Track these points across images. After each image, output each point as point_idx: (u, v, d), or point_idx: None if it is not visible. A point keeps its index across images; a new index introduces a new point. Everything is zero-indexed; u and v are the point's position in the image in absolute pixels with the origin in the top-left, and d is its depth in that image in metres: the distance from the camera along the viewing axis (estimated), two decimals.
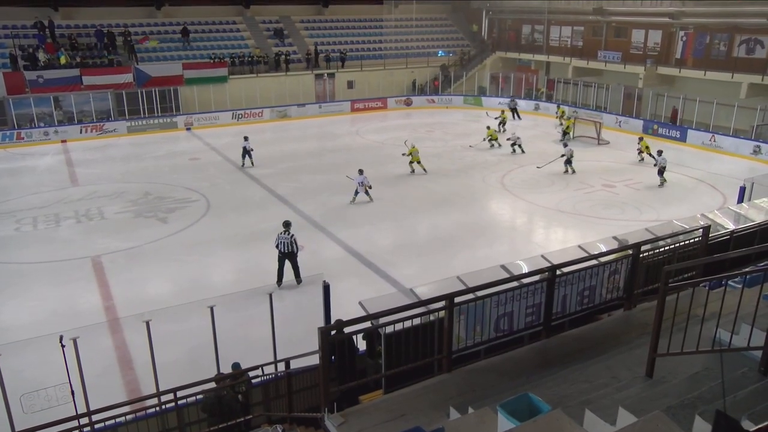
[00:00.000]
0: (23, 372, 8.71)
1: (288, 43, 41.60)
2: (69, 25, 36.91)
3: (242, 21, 41.99)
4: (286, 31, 42.15)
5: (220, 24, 41.28)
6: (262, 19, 42.61)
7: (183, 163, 26.96)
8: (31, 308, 13.77)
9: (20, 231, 18.76)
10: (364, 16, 45.74)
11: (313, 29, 43.81)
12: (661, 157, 22.25)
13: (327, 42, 42.68)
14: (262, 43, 40.73)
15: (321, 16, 44.85)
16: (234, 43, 40.16)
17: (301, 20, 43.87)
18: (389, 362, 6.67)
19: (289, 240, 14.29)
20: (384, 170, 24.81)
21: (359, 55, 42.15)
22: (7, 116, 31.87)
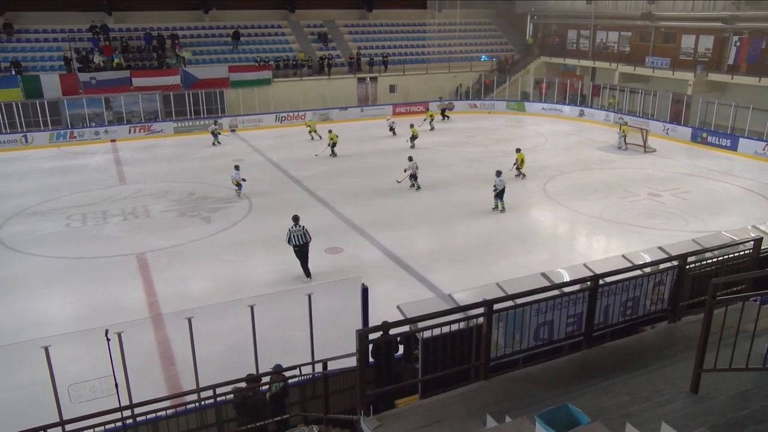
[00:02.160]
0: (70, 363, 8.97)
1: (332, 46, 41.97)
2: (121, 29, 38.06)
3: (287, 25, 42.55)
4: (329, 35, 42.54)
5: (266, 27, 41.92)
6: (307, 23, 43.11)
7: (225, 164, 27.39)
8: (78, 302, 14.22)
9: (70, 227, 19.39)
10: (408, 21, 45.82)
11: (356, 33, 44.10)
12: (500, 179, 19.94)
13: (370, 46, 42.89)
14: (306, 47, 41.19)
15: (365, 21, 45.10)
16: (279, 46, 40.73)
17: (345, 24, 44.22)
18: (426, 367, 6.65)
19: (302, 231, 14.81)
20: (423, 174, 24.70)
21: (402, 59, 42.23)
22: (62, 116, 33.05)
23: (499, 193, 20.01)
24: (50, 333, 11.93)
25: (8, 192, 23.23)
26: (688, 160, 27.47)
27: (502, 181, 19.97)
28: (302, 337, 9.71)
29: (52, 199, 22.08)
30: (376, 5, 44.80)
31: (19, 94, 32.20)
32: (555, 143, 31.41)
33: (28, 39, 36.16)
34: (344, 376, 8.94)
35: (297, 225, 14.86)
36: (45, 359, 7.93)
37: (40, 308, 13.96)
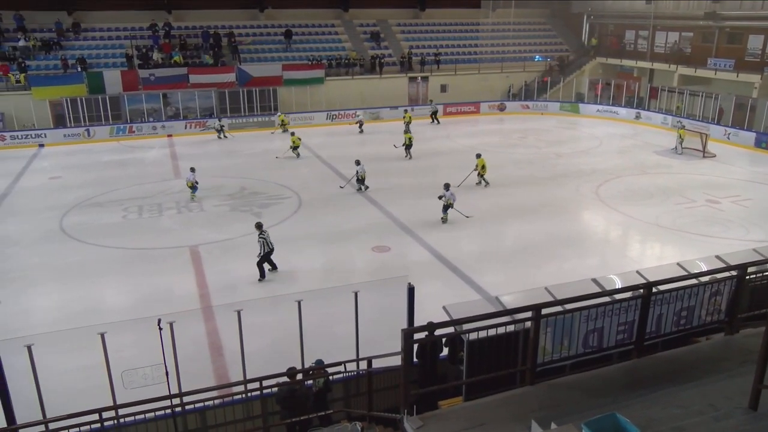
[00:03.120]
0: (124, 350, 9.28)
1: (384, 46, 42.09)
2: (180, 27, 39.16)
3: (340, 24, 42.90)
4: (382, 34, 42.67)
5: (319, 27, 42.38)
6: (360, 22, 43.36)
7: (278, 161, 27.86)
8: (133, 291, 14.70)
9: (127, 219, 20.07)
10: (461, 20, 45.54)
11: (409, 32, 44.10)
12: (449, 192, 19.11)
13: (422, 45, 42.82)
14: (359, 46, 41.43)
15: (417, 20, 45.05)
16: (331, 45, 41.11)
17: (398, 24, 44.27)
18: (471, 369, 6.61)
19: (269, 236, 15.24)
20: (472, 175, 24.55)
21: (454, 58, 42.02)
22: (121, 111, 34.26)
23: (447, 207, 19.09)
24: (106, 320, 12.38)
25: (71, 183, 24.22)
26: (750, 166, 26.40)
27: (452, 194, 19.04)
28: (347, 334, 9.77)
29: (111, 191, 22.89)
30: (429, 4, 44.69)
31: (83, 89, 33.57)
32: (609, 146, 30.68)
33: (93, 37, 37.63)
34: (388, 375, 8.96)
35: (263, 231, 15.21)
36: (101, 345, 8.23)
37: (97, 296, 14.51)
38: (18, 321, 13.15)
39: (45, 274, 15.70)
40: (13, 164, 27.72)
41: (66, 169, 26.75)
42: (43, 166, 27.64)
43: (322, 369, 8.76)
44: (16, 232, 18.89)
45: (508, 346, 6.64)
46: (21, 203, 21.88)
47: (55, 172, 26.29)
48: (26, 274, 15.68)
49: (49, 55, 35.42)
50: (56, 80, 33.51)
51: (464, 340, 6.62)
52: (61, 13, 37.23)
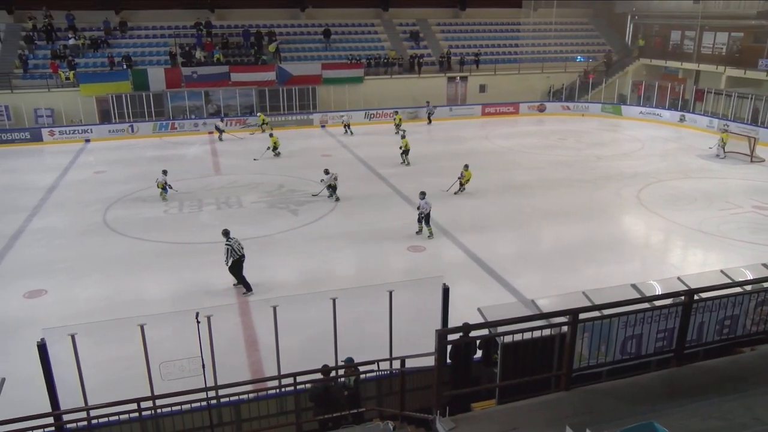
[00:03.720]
0: (163, 342, 9.48)
1: (423, 45, 42.02)
2: (222, 26, 39.82)
3: (380, 23, 42.99)
4: (421, 34, 42.61)
5: (359, 26, 42.54)
6: (399, 21, 43.38)
7: (316, 158, 28.08)
8: (172, 284, 15.01)
9: (168, 213, 20.51)
10: (502, 20, 45.16)
11: (448, 32, 43.93)
12: (424, 201, 17.63)
13: (461, 45, 42.60)
14: (398, 45, 41.45)
15: (457, 19, 44.84)
16: (371, 44, 41.23)
17: (438, 23, 44.13)
18: (505, 372, 6.55)
19: (239, 243, 14.56)
20: (509, 176, 24.38)
21: (493, 58, 41.68)
22: (164, 108, 35.02)
23: (425, 217, 17.68)
24: (146, 312, 12.69)
25: (115, 178, 24.87)
26: None
27: (427, 203, 17.60)
28: (380, 333, 9.81)
29: (153, 186, 23.40)
30: (469, 4, 44.43)
31: (128, 86, 34.44)
32: (652, 149, 30.00)
33: (138, 35, 38.56)
34: (421, 375, 8.95)
35: (230, 238, 14.50)
36: (141, 336, 8.44)
37: (138, 288, 14.86)
38: (62, 310, 13.57)
39: (89, 266, 16.16)
40: (61, 158, 28.62)
41: (110, 164, 27.47)
42: (89, 160, 28.44)
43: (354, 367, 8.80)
44: (62, 225, 19.49)
45: (544, 351, 6.56)
46: (67, 196, 22.57)
47: (100, 167, 27.04)
48: (71, 266, 16.17)
49: (97, 53, 36.46)
50: (103, 77, 34.49)
51: (499, 343, 6.56)
52: (110, 12, 38.26)
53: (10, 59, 35.07)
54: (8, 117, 32.74)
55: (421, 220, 17.73)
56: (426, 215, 17.63)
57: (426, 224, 17.73)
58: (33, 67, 34.95)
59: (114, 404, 7.53)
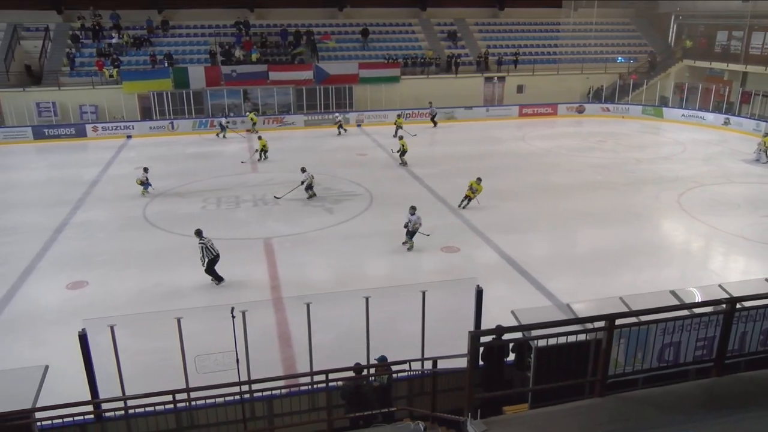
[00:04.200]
0: (198, 336, 9.63)
1: (460, 45, 41.82)
2: (261, 25, 40.31)
3: (418, 23, 42.93)
4: (459, 34, 42.41)
5: (396, 26, 42.56)
6: (437, 21, 43.24)
7: (351, 157, 28.22)
8: (207, 279, 15.23)
9: (206, 209, 20.86)
10: (541, 20, 44.63)
11: (486, 32, 43.62)
12: (415, 216, 16.83)
13: (499, 45, 42.25)
14: (435, 45, 41.34)
15: (496, 19, 44.49)
16: (408, 44, 41.21)
17: (476, 23, 43.86)
18: (538, 377, 6.48)
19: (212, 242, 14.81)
20: (546, 178, 24.08)
21: (532, 59, 41.24)
22: (204, 105, 35.66)
23: (413, 232, 16.93)
24: (182, 305, 12.94)
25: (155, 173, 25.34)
26: None
27: (418, 218, 16.77)
28: (412, 333, 9.79)
29: (192, 182, 23.85)
30: (508, 4, 44.05)
31: (169, 84, 35.15)
32: (694, 153, 29.28)
33: (180, 34, 39.31)
34: (452, 376, 8.92)
35: (203, 237, 14.72)
36: (177, 329, 8.61)
37: (175, 282, 15.14)
38: (102, 302, 13.93)
39: (128, 259, 16.54)
40: (103, 154, 29.38)
41: (150, 160, 27.99)
42: (130, 156, 29.09)
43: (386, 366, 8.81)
44: (103, 218, 20.00)
45: (578, 355, 6.46)
46: (109, 191, 23.15)
47: (141, 163, 27.58)
48: (111, 258, 16.58)
49: (140, 51, 37.30)
50: (145, 75, 35.28)
51: (533, 347, 6.49)
52: (153, 12, 39.10)
53: (58, 57, 36.19)
54: (55, 113, 33.79)
55: (411, 235, 16.92)
56: (414, 232, 16.86)
57: (410, 237, 16.97)
58: (79, 65, 35.98)
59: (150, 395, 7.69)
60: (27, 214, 20.42)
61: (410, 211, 16.93)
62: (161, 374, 9.27)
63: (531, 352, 6.82)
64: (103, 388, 8.49)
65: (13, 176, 26.15)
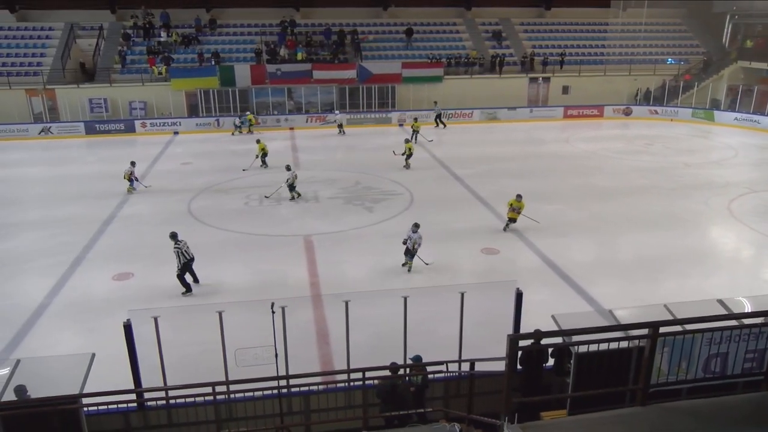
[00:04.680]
0: (239, 330, 9.79)
1: (505, 45, 41.40)
2: (306, 24, 40.70)
3: (462, 23, 42.68)
4: (504, 33, 41.98)
5: (441, 25, 42.40)
6: (482, 21, 42.91)
7: (392, 157, 28.21)
8: (249, 274, 15.50)
9: (248, 206, 21.19)
10: (588, 20, 43.82)
11: (532, 32, 43.07)
12: (417, 233, 15.27)
13: (545, 45, 41.66)
14: (479, 45, 41.03)
15: (542, 19, 43.89)
16: (451, 44, 41.01)
17: (521, 23, 43.35)
18: (578, 383, 6.36)
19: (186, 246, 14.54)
20: (591, 181, 23.64)
21: (578, 59, 40.51)
22: (249, 103, 36.23)
23: (413, 252, 15.31)
24: (223, 300, 13.18)
25: (200, 169, 25.95)
26: None
27: (420, 236, 15.23)
28: (449, 334, 9.75)
29: (235, 178, 24.24)
30: (555, 3, 43.36)
31: (216, 82, 35.84)
32: (746, 158, 28.32)
33: (227, 33, 40.02)
34: (490, 379, 8.83)
35: (179, 241, 14.47)
36: (218, 322, 8.77)
37: (217, 276, 15.43)
38: (147, 293, 14.29)
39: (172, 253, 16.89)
40: (151, 149, 30.14)
41: (196, 156, 28.67)
42: (177, 152, 29.77)
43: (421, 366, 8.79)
44: (149, 212, 20.52)
45: (620, 363, 6.32)
46: (157, 186, 23.72)
47: (187, 159, 28.28)
48: (156, 252, 16.96)
49: (188, 49, 38.13)
50: (192, 73, 36.05)
51: (573, 352, 6.38)
52: (201, 10, 39.92)
53: (110, 55, 37.32)
54: (106, 109, 34.85)
55: (411, 255, 15.32)
56: (413, 252, 15.26)
57: (410, 257, 15.43)
58: (130, 62, 37.01)
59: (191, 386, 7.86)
60: (78, 206, 21.11)
61: (412, 228, 15.39)
62: (202, 366, 9.46)
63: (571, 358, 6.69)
64: (145, 377, 8.71)
65: (66, 170, 27.07)
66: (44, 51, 37.03)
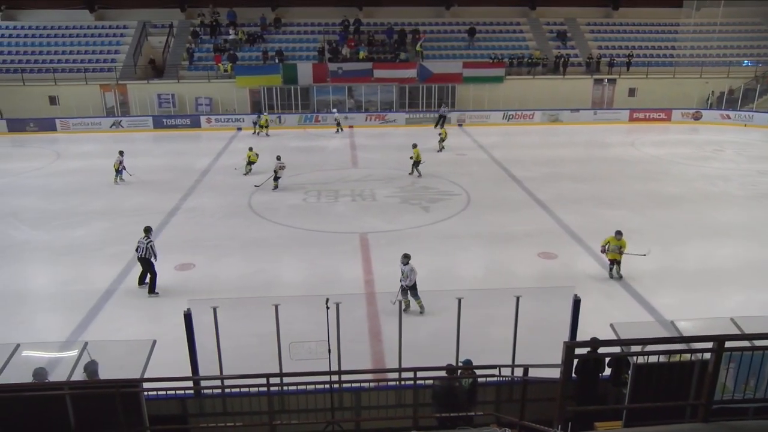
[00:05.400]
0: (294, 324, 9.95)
1: (570, 45, 40.51)
2: (368, 23, 40.97)
3: (526, 22, 42.04)
4: (569, 34, 41.09)
5: (504, 25, 41.88)
6: (547, 20, 42.13)
7: (450, 157, 28.09)
8: (305, 269, 15.73)
9: (306, 202, 21.51)
10: (659, 20, 42.35)
11: (598, 32, 41.98)
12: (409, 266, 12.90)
13: (611, 46, 40.54)
14: (543, 45, 40.29)
15: (609, 19, 42.72)
16: (514, 44, 40.45)
17: (587, 23, 42.32)
18: (635, 395, 6.17)
19: (145, 245, 14.12)
20: (655, 188, 22.85)
21: (646, 61, 39.19)
22: (310, 101, 36.79)
23: (412, 288, 12.93)
24: (279, 293, 13.43)
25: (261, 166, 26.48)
26: None
27: (412, 269, 12.85)
28: (503, 338, 9.62)
29: (295, 175, 24.63)
30: (623, 3, 42.12)
31: (279, 79, 36.56)
32: None
33: (291, 31, 40.77)
34: (543, 386, 8.67)
35: (146, 237, 14.21)
36: (274, 315, 8.94)
37: (275, 270, 15.74)
38: (207, 284, 14.71)
39: (232, 245, 17.37)
40: (215, 144, 31.02)
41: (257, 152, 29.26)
42: (240, 147, 30.48)
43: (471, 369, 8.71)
44: (212, 205, 21.11)
45: (681, 376, 6.09)
46: (218, 180, 24.42)
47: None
48: (217, 244, 17.47)
49: (253, 47, 39.02)
50: (257, 70, 36.89)
51: (631, 363, 6.19)
52: (266, 9, 40.79)
53: (179, 52, 38.62)
54: (174, 104, 36.11)
55: (406, 291, 12.98)
56: (413, 285, 12.95)
57: (413, 296, 13.02)
58: (197, 59, 38.18)
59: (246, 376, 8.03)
60: (145, 197, 21.95)
61: (402, 260, 13.03)
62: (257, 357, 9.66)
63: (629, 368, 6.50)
64: (203, 366, 8.97)
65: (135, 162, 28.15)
66: (118, 48, 38.72)
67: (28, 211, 20.44)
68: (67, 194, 22.42)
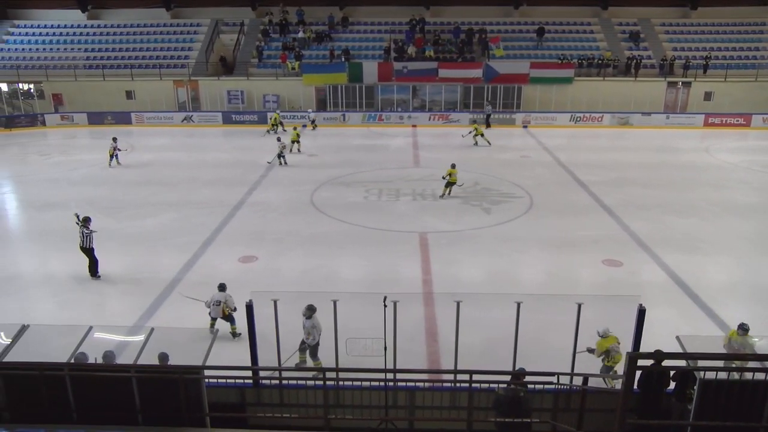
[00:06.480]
0: (351, 320, 10.04)
1: (642, 47, 39.16)
2: (435, 23, 40.85)
3: (597, 22, 40.91)
4: (642, 34, 39.72)
5: (574, 24, 40.90)
6: (619, 21, 40.87)
7: (514, 159, 27.69)
8: (365, 266, 15.86)
9: (367, 199, 21.66)
10: (741, 19, 40.30)
11: (674, 33, 40.38)
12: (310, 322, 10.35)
13: (687, 47, 38.92)
14: (615, 46, 39.11)
15: (686, 19, 41.01)
16: (584, 44, 39.43)
17: (662, 23, 40.77)
18: (701, 412, 5.92)
19: (81, 233, 14.72)
20: (730, 195, 21.84)
21: (725, 63, 37.40)
22: (374, 99, 37.04)
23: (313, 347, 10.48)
24: (338, 289, 13.57)
25: (325, 162, 26.94)
26: None
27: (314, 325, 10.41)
28: (563, 345, 9.42)
29: (357, 172, 24.87)
30: (702, 2, 40.29)
31: (344, 78, 36.96)
32: None
33: (358, 30, 41.12)
34: (603, 396, 8.45)
35: (83, 226, 14.71)
36: (333, 311, 9.06)
37: (335, 266, 15.94)
38: (269, 277, 15.04)
39: (294, 240, 17.69)
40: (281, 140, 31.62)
41: (322, 149, 29.75)
42: (305, 144, 31.01)
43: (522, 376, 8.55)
44: (276, 200, 21.58)
45: (754, 395, 5.80)
46: (283, 175, 24.92)
47: (313, 151, 29.41)
48: (280, 238, 17.84)
49: (320, 46, 39.61)
50: (323, 68, 37.42)
51: (698, 378, 5.94)
52: (334, 8, 41.30)
53: (249, 50, 39.65)
54: (242, 101, 37.10)
55: (305, 349, 10.56)
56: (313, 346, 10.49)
57: (312, 356, 10.55)
58: (266, 57, 39.08)
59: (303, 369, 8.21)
60: (213, 190, 22.64)
61: (305, 312, 10.40)
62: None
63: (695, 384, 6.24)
64: (262, 356, 9.18)
65: (204, 156, 29.14)
66: (191, 45, 40.11)
67: (102, 199, 21.47)
68: (139, 185, 23.41)
